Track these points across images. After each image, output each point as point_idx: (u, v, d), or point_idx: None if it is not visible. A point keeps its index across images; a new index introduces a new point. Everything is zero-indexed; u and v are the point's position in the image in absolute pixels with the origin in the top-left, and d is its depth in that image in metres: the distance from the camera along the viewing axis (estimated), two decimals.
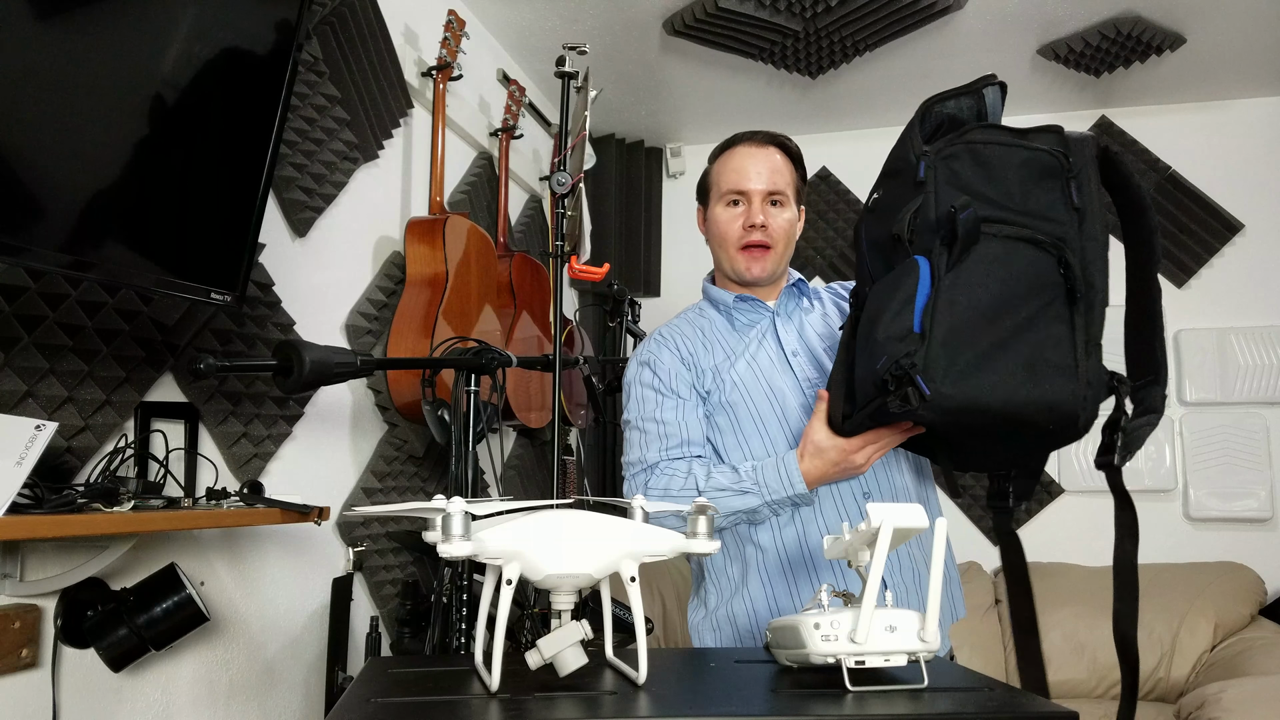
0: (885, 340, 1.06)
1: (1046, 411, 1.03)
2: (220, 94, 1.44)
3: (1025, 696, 0.83)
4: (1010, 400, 1.02)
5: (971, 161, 1.10)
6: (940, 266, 1.05)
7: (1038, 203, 1.08)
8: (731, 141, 1.55)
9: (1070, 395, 1.03)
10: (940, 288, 1.05)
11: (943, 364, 1.02)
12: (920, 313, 1.04)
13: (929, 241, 1.07)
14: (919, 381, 1.02)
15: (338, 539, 2.09)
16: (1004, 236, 1.06)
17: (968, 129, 1.12)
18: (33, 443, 1.17)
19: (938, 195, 1.09)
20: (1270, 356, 3.30)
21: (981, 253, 1.06)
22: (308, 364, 1.40)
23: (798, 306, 1.56)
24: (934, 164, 1.10)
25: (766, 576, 1.41)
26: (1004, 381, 1.02)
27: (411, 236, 2.24)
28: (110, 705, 1.50)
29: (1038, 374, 1.03)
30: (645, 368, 1.51)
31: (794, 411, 1.43)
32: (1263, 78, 3.25)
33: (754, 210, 1.49)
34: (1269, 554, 3.18)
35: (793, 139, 1.55)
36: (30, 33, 1.14)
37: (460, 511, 0.78)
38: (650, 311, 3.67)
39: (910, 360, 1.03)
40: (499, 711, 0.76)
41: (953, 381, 1.02)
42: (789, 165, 1.53)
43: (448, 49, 2.38)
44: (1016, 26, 2.88)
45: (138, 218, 1.33)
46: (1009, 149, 1.09)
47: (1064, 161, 1.09)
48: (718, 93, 3.38)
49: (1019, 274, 1.05)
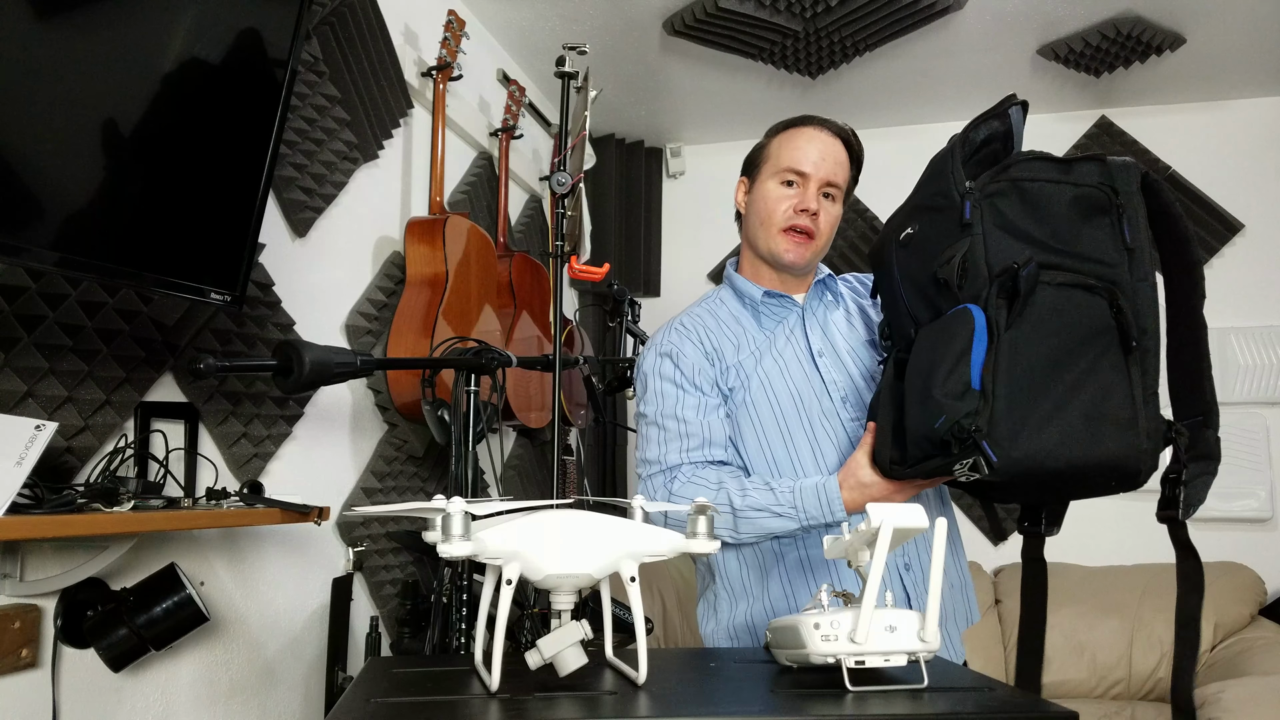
0: (943, 398, 1.03)
1: (1109, 470, 1.02)
2: (220, 94, 1.44)
3: (1025, 696, 0.83)
4: (1073, 462, 1.01)
5: (1019, 200, 1.07)
6: (999, 321, 1.03)
7: (1088, 244, 1.06)
8: (800, 120, 1.48)
9: (1132, 451, 1.02)
10: (1000, 344, 1.02)
11: (1007, 428, 1.00)
12: (978, 368, 1.02)
13: (978, 288, 1.05)
14: (985, 449, 1.00)
15: (338, 539, 2.09)
16: (1057, 284, 1.04)
17: (1010, 163, 1.09)
18: (33, 443, 1.17)
19: (987, 240, 1.06)
20: (1270, 356, 3.30)
21: (1036, 303, 1.03)
22: (308, 364, 1.40)
23: (823, 304, 1.51)
24: (979, 204, 1.07)
25: (787, 580, 1.38)
26: (1065, 442, 1.00)
27: (411, 236, 2.24)
28: (110, 705, 1.50)
29: (1098, 430, 1.01)
30: (666, 359, 1.44)
31: (817, 415, 1.39)
32: (1263, 78, 3.25)
33: (809, 195, 1.42)
34: (1269, 554, 3.17)
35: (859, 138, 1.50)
36: (30, 32, 1.14)
37: (460, 511, 0.78)
38: (650, 311, 3.67)
39: (973, 423, 1.01)
40: (499, 711, 0.76)
41: (1018, 445, 1.00)
42: (850, 163, 1.47)
43: (448, 49, 2.38)
44: (1016, 26, 2.87)
45: (138, 218, 1.32)
46: (1057, 186, 1.07)
47: (1112, 196, 1.07)
48: (718, 93, 3.38)
49: (1074, 323, 1.03)
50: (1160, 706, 2.84)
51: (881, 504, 0.87)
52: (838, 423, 1.39)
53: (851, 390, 1.42)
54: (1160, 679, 2.90)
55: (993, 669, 2.99)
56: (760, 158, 1.50)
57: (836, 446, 1.38)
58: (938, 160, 1.17)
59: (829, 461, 1.37)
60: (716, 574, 1.45)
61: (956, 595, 1.44)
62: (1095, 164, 1.09)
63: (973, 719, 0.76)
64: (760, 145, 1.51)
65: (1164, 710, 2.79)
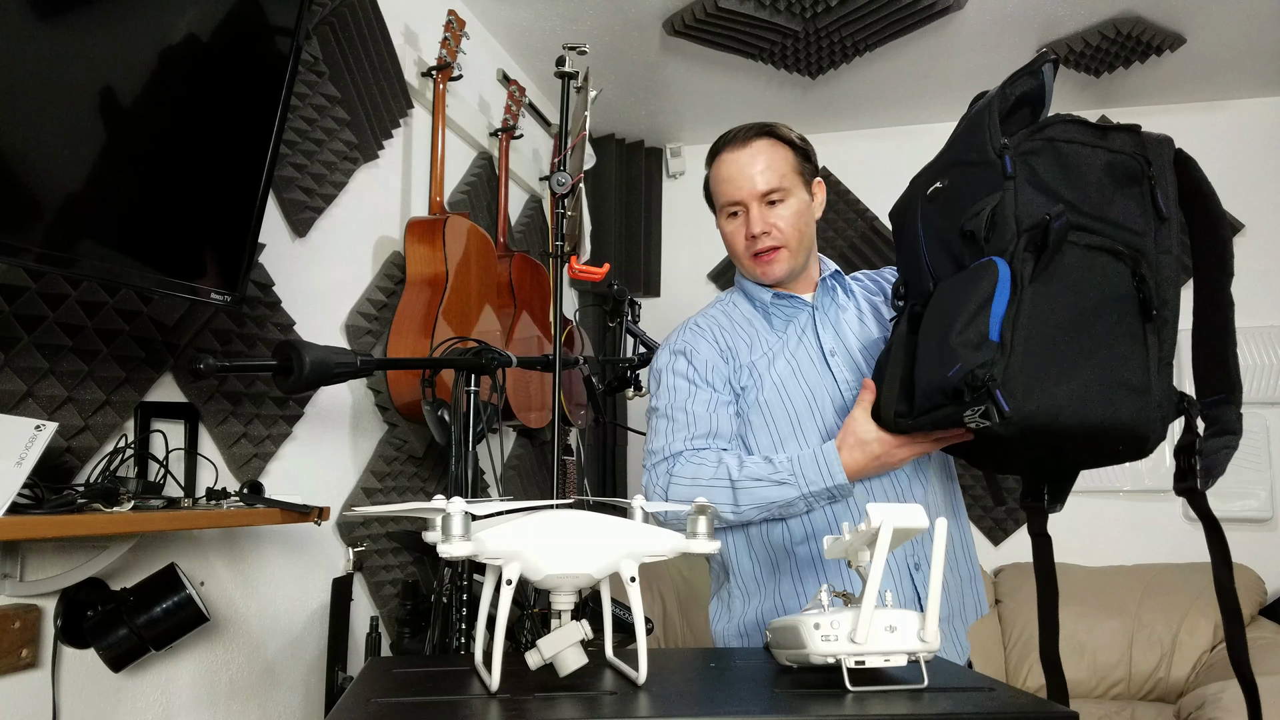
0: (959, 346, 1.02)
1: (1119, 432, 1.01)
2: (220, 94, 1.44)
3: (1025, 696, 0.83)
4: (1085, 420, 1.00)
5: (1053, 160, 1.06)
6: (1023, 274, 1.02)
7: (1118, 211, 1.05)
8: (716, 148, 1.48)
9: (1143, 417, 1.01)
10: (1023, 297, 1.01)
11: (1023, 380, 0.99)
12: (998, 320, 1.01)
13: (1007, 242, 1.04)
14: (999, 398, 0.98)
15: (338, 539, 2.09)
16: (1085, 246, 1.03)
17: (1046, 123, 1.08)
18: (33, 443, 1.17)
19: (1018, 195, 1.05)
20: (1270, 356, 3.30)
21: (1061, 262, 1.02)
22: (308, 364, 1.40)
23: (834, 302, 1.50)
24: (1015, 159, 1.06)
25: (798, 576, 1.38)
26: (1080, 400, 1.00)
27: (411, 236, 2.24)
28: (110, 705, 1.50)
29: (1111, 394, 1.00)
30: (680, 356, 1.46)
31: (830, 414, 1.39)
32: (1263, 78, 3.25)
33: (753, 219, 1.43)
34: (1269, 554, 3.18)
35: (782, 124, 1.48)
36: (29, 32, 1.14)
37: (460, 511, 0.78)
38: (650, 311, 3.67)
39: (988, 373, 0.99)
40: (499, 711, 0.76)
41: (1031, 398, 0.99)
42: (782, 153, 1.44)
43: (448, 49, 2.38)
44: (1016, 26, 2.88)
45: (138, 218, 1.32)
46: (1092, 150, 1.06)
47: (1145, 166, 1.06)
48: (718, 93, 3.38)
49: (1096, 286, 1.02)
50: (1160, 707, 2.84)
51: (882, 505, 0.87)
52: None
53: None
54: (1160, 679, 2.90)
55: (993, 669, 3.00)
56: (709, 194, 1.54)
57: None
58: (973, 116, 1.15)
59: None
60: (731, 572, 1.45)
61: (966, 589, 1.44)
62: (1130, 134, 1.08)
63: (973, 719, 0.76)
64: (705, 179, 1.54)
65: (1164, 710, 2.80)
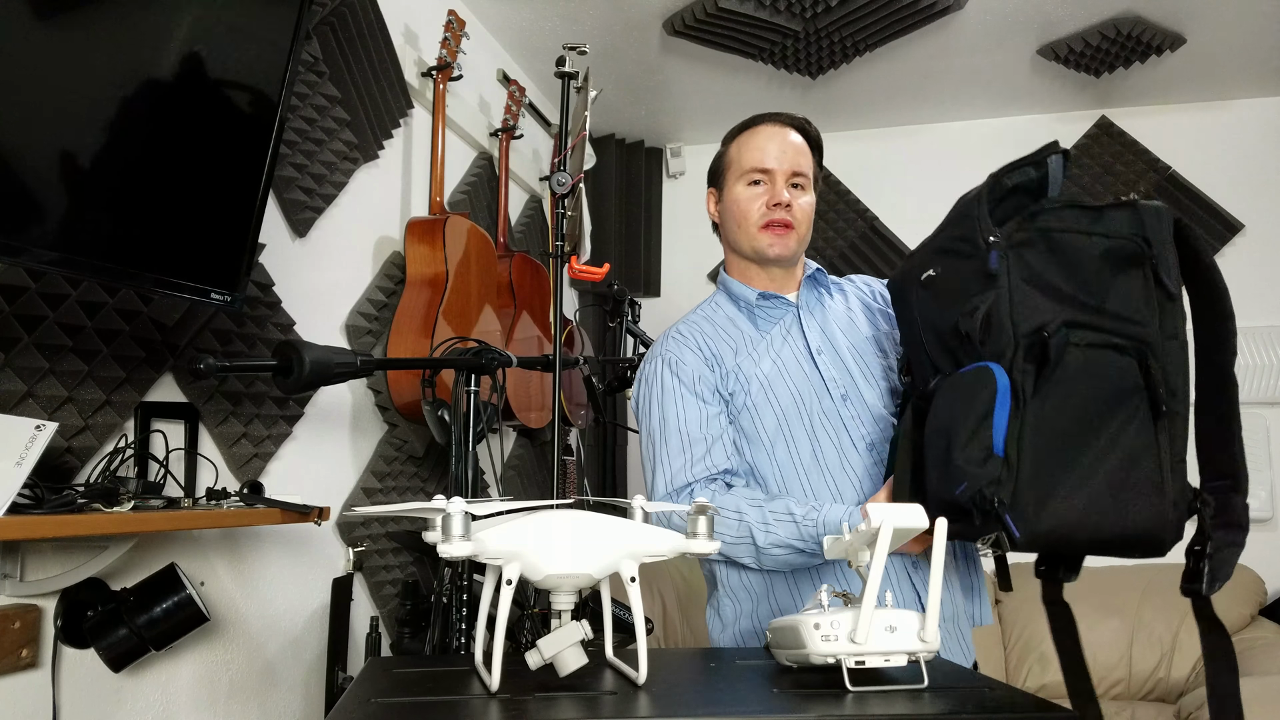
0: (964, 465, 1.00)
1: (1134, 540, 0.99)
2: (220, 94, 1.44)
3: (1025, 696, 0.83)
4: (1098, 533, 0.98)
5: (1047, 251, 1.03)
6: (1025, 387, 0.99)
7: (1118, 300, 1.02)
8: (752, 121, 1.50)
9: (1158, 520, 0.99)
10: (1025, 411, 0.99)
11: (1033, 497, 0.97)
12: (1001, 434, 0.99)
13: (1003, 347, 1.02)
14: (1008, 523, 0.97)
15: (338, 539, 2.09)
16: (1085, 345, 1.01)
17: (1038, 210, 1.06)
18: (33, 443, 1.17)
19: (1013, 295, 1.03)
20: (1270, 356, 3.30)
21: (1064, 366, 1.00)
22: (308, 364, 1.40)
23: (818, 301, 1.51)
24: (1005, 254, 1.04)
25: (793, 582, 1.37)
26: (1092, 513, 0.97)
27: (411, 236, 2.24)
28: (110, 705, 1.50)
29: (1124, 501, 0.98)
30: (666, 369, 1.44)
31: (818, 414, 1.39)
32: (1263, 78, 3.25)
33: (778, 188, 1.43)
34: (1269, 554, 3.17)
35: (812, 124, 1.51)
36: (29, 32, 1.13)
37: (460, 511, 0.78)
38: (650, 311, 3.67)
39: (996, 494, 0.97)
40: (499, 711, 0.76)
41: (1043, 519, 0.97)
42: (809, 149, 1.48)
43: (448, 49, 2.38)
44: (1016, 26, 2.87)
45: (138, 218, 1.32)
46: (1088, 238, 1.03)
47: (1145, 248, 1.02)
48: (718, 93, 3.38)
49: (1102, 386, 1.00)
50: (1160, 707, 2.84)
51: (881, 504, 0.87)
52: (838, 421, 1.39)
53: (851, 387, 1.41)
54: (1160, 679, 2.90)
55: (993, 669, 2.99)
56: (723, 165, 1.52)
57: (836, 445, 1.38)
58: (964, 203, 1.13)
59: (828, 460, 1.37)
60: (719, 582, 1.45)
61: (970, 593, 1.44)
62: (1127, 211, 1.04)
63: (972, 719, 0.76)
64: (720, 154, 1.54)
65: (1164, 710, 2.79)
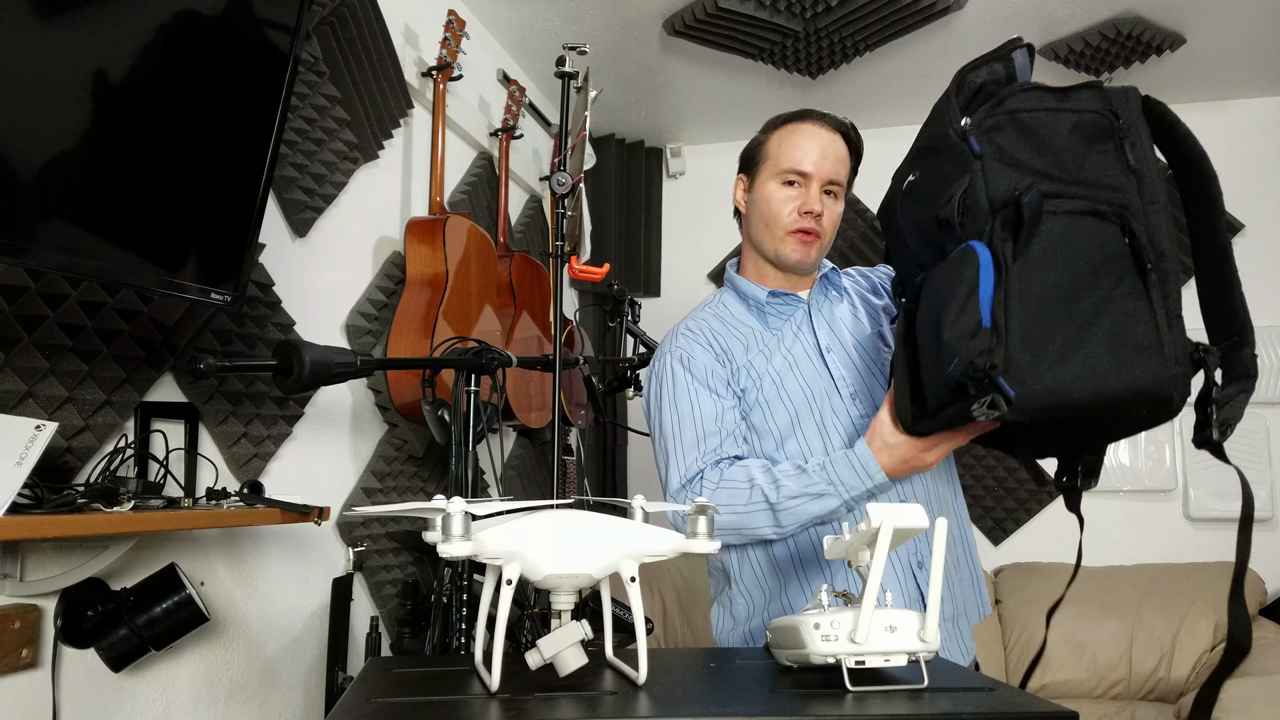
0: (954, 340, 0.99)
1: (1139, 397, 0.97)
2: (220, 94, 1.44)
3: (1025, 696, 0.83)
4: (1100, 391, 0.95)
5: (1017, 132, 1.03)
6: (1005, 254, 0.99)
7: (1093, 170, 1.01)
8: (800, 116, 1.44)
9: (1161, 376, 0.96)
10: (1009, 277, 0.98)
11: (1024, 361, 0.95)
12: (988, 305, 0.97)
13: (982, 224, 1.01)
14: (1002, 384, 0.95)
15: (338, 539, 2.09)
16: (1064, 212, 0.99)
17: (1005, 95, 1.05)
18: (33, 443, 1.17)
19: (986, 174, 1.02)
20: (1270, 356, 3.30)
21: (1044, 233, 0.99)
22: (308, 364, 1.40)
23: (827, 298, 1.49)
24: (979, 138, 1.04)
25: (805, 580, 1.37)
26: (1089, 371, 0.95)
27: (411, 236, 2.24)
28: (110, 705, 1.50)
29: (1122, 358, 0.96)
30: (677, 364, 1.42)
31: (828, 412, 1.38)
32: (1263, 78, 3.25)
33: (812, 196, 1.40)
34: (1269, 554, 3.17)
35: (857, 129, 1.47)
36: (29, 30, 1.13)
37: (460, 511, 0.78)
38: (650, 311, 3.66)
39: (988, 361, 0.96)
40: (499, 711, 0.76)
41: (1038, 379, 0.95)
42: (850, 158, 1.45)
43: (448, 49, 2.38)
44: (1016, 26, 2.87)
45: (138, 218, 1.32)
46: (1055, 114, 1.03)
47: (1113, 121, 1.02)
48: (718, 93, 3.38)
49: (1085, 251, 0.99)
50: (1160, 707, 2.84)
51: (882, 504, 0.87)
52: (847, 419, 1.39)
53: (860, 386, 1.41)
54: (1160, 679, 2.90)
55: (993, 669, 2.99)
56: (759, 155, 1.47)
57: (846, 443, 1.37)
58: (936, 105, 1.13)
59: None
60: (732, 578, 1.44)
61: (969, 589, 1.44)
62: (1093, 91, 1.05)
63: (973, 719, 0.76)
64: (759, 141, 1.48)
65: (1164, 710, 2.80)
